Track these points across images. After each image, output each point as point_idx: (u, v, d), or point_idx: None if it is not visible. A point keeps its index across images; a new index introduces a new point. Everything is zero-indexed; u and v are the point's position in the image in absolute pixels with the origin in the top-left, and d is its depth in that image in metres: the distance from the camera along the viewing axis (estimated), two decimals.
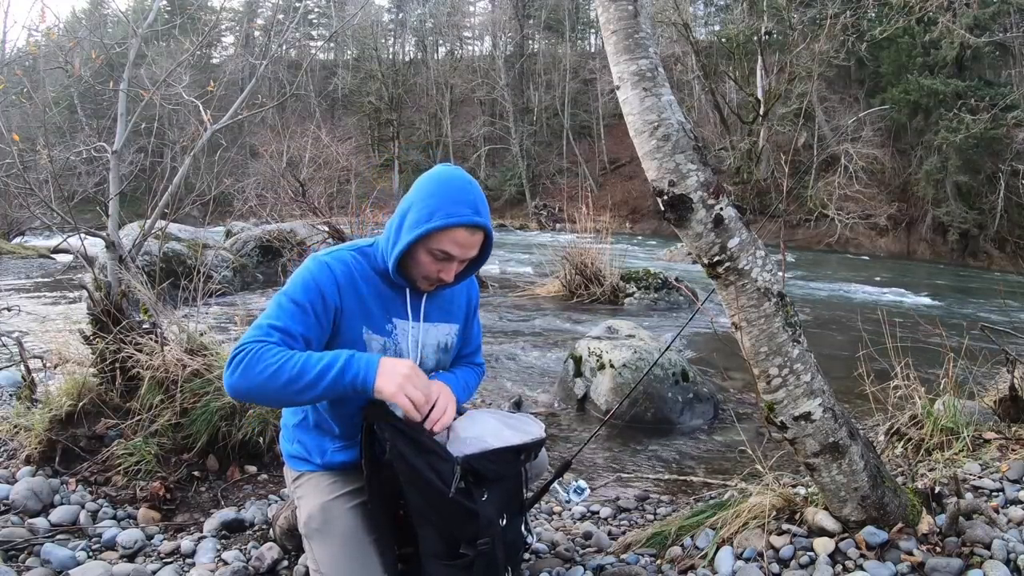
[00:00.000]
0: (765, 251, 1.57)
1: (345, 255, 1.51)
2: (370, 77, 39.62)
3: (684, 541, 1.86)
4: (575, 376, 3.81)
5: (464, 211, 1.43)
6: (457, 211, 1.42)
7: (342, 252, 1.52)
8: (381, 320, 1.51)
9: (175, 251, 6.83)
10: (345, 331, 1.47)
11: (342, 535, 1.44)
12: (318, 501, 1.48)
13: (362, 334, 1.49)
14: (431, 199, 1.44)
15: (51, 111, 6.98)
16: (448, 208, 1.42)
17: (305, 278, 1.44)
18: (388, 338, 1.52)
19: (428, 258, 1.46)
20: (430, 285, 1.52)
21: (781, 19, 24.49)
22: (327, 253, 1.51)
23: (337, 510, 1.47)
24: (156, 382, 2.32)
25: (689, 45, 26.88)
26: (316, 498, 1.49)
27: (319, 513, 1.47)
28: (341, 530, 1.45)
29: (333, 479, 1.52)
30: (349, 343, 1.47)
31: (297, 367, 1.30)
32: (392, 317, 1.53)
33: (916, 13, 16.51)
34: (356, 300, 1.48)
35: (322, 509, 1.47)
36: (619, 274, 7.63)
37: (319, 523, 1.46)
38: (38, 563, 1.77)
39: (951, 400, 2.43)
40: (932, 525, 1.68)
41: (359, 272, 1.50)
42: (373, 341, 1.50)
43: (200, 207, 3.83)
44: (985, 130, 19.09)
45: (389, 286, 1.53)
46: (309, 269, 1.46)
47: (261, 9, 45.09)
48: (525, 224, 30.01)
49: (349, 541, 1.44)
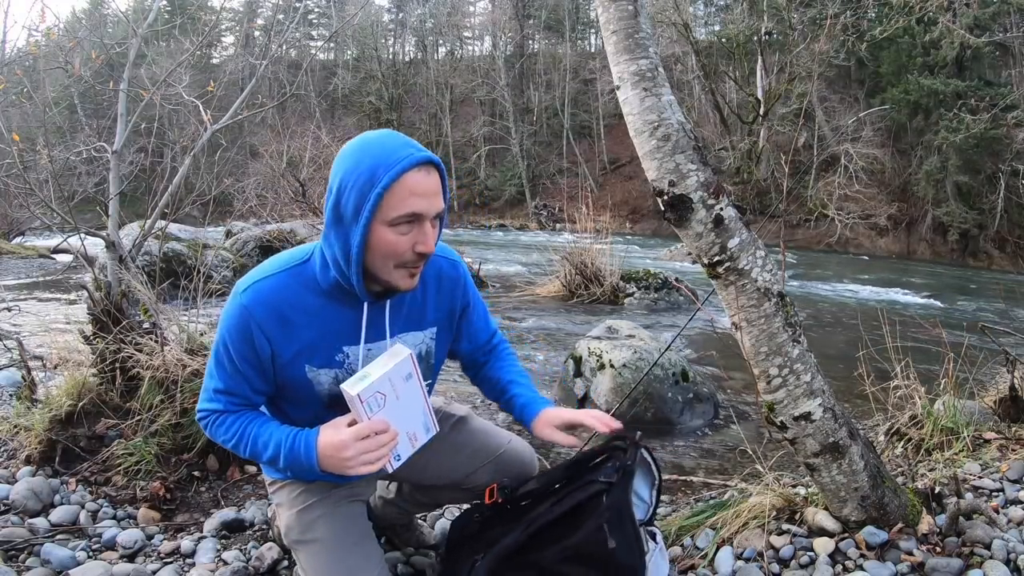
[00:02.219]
0: (765, 251, 1.57)
1: (271, 284, 1.26)
2: (370, 77, 39.63)
3: (684, 541, 1.86)
4: (575, 376, 3.81)
5: (407, 151, 1.16)
6: (397, 156, 1.15)
7: (266, 282, 1.26)
8: (328, 351, 1.30)
9: (175, 251, 6.83)
10: (286, 376, 1.30)
11: (324, 543, 1.40)
12: (293, 511, 1.44)
13: (305, 373, 1.30)
14: (360, 165, 1.16)
15: (51, 111, 6.98)
16: (386, 160, 1.15)
17: (229, 329, 1.26)
18: (340, 369, 1.31)
19: (393, 235, 1.17)
20: (413, 276, 1.25)
21: (781, 19, 24.49)
22: (249, 285, 1.26)
23: (314, 518, 1.42)
24: (156, 382, 2.32)
25: (689, 45, 26.87)
26: (291, 507, 1.45)
27: (296, 523, 1.42)
28: (320, 538, 1.40)
29: (303, 487, 1.46)
30: (294, 386, 1.31)
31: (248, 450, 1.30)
32: (343, 345, 1.31)
33: (916, 13, 16.52)
34: (288, 339, 1.26)
35: (299, 519, 1.42)
36: (619, 274, 7.63)
37: (298, 533, 1.42)
38: (38, 563, 1.77)
39: (951, 400, 2.43)
40: (932, 525, 1.68)
41: (290, 302, 1.26)
42: (321, 376, 1.31)
43: (200, 207, 3.83)
44: (985, 130, 19.10)
45: (336, 304, 1.28)
46: (230, 317, 1.26)
47: (261, 9, 45.09)
48: (525, 224, 30.03)
49: (334, 547, 1.39)
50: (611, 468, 1.45)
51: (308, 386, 1.31)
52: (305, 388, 1.32)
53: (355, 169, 1.16)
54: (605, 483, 1.42)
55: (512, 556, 1.39)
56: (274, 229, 8.95)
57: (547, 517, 1.41)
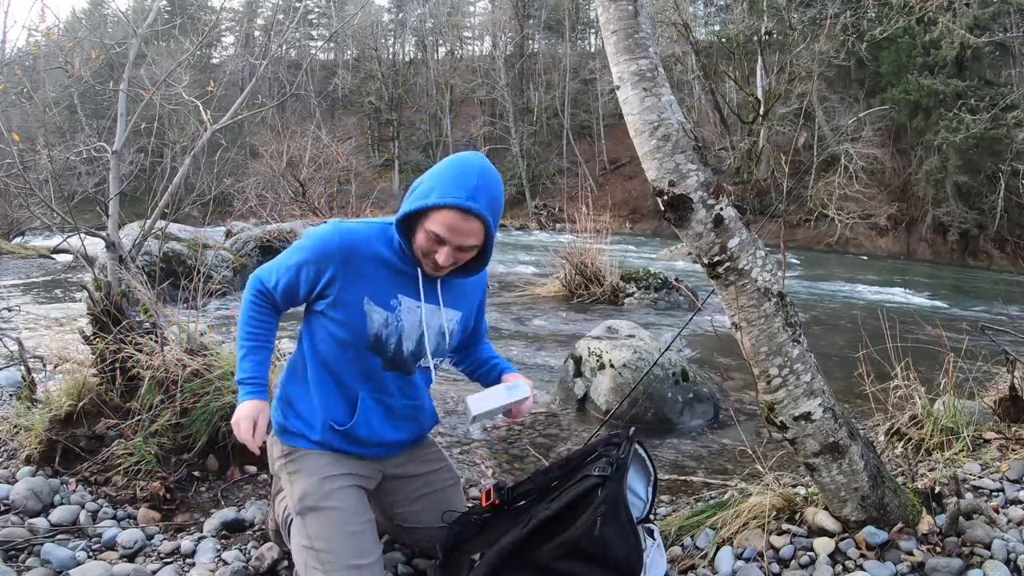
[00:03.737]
0: (765, 251, 1.57)
1: (362, 227, 1.53)
2: (370, 77, 39.61)
3: (684, 541, 1.86)
4: (575, 376, 3.81)
5: (459, 194, 1.39)
6: (452, 193, 1.39)
7: (361, 225, 1.55)
8: (386, 294, 1.52)
9: (175, 251, 6.83)
10: (345, 297, 1.50)
11: (340, 512, 1.48)
12: (316, 477, 1.51)
13: (363, 303, 1.51)
14: (437, 177, 1.44)
15: (51, 111, 6.99)
16: (444, 189, 1.40)
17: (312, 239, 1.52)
18: (391, 313, 1.53)
19: (423, 236, 1.45)
20: (435, 269, 1.51)
21: (781, 19, 24.50)
22: (344, 225, 1.55)
23: (336, 487, 1.50)
24: (156, 382, 2.32)
25: (689, 45, 26.86)
26: (314, 474, 1.52)
27: (317, 489, 1.49)
28: (340, 506, 1.48)
29: (330, 459, 1.55)
30: (350, 308, 1.50)
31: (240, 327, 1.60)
32: (398, 294, 1.54)
33: (916, 13, 16.51)
34: (358, 270, 1.50)
35: (320, 485, 1.50)
36: (619, 274, 7.63)
37: (316, 499, 1.49)
38: (38, 563, 1.77)
39: (951, 400, 2.43)
40: (932, 525, 1.68)
41: (371, 246, 1.51)
42: (374, 313, 1.51)
43: (200, 207, 3.83)
44: (985, 130, 19.11)
45: (402, 263, 1.53)
46: (320, 231, 1.53)
47: (261, 9, 45.08)
48: (525, 224, 29.99)
49: (347, 518, 1.47)
50: (605, 463, 1.46)
51: (362, 318, 1.51)
52: (358, 318, 1.51)
53: (434, 177, 1.45)
54: (600, 477, 1.43)
55: (511, 554, 1.39)
56: (274, 229, 8.95)
57: (544, 514, 1.42)
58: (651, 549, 1.52)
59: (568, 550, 1.37)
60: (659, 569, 1.52)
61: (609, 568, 1.36)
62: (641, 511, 1.61)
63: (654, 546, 1.54)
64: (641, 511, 1.61)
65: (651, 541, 1.55)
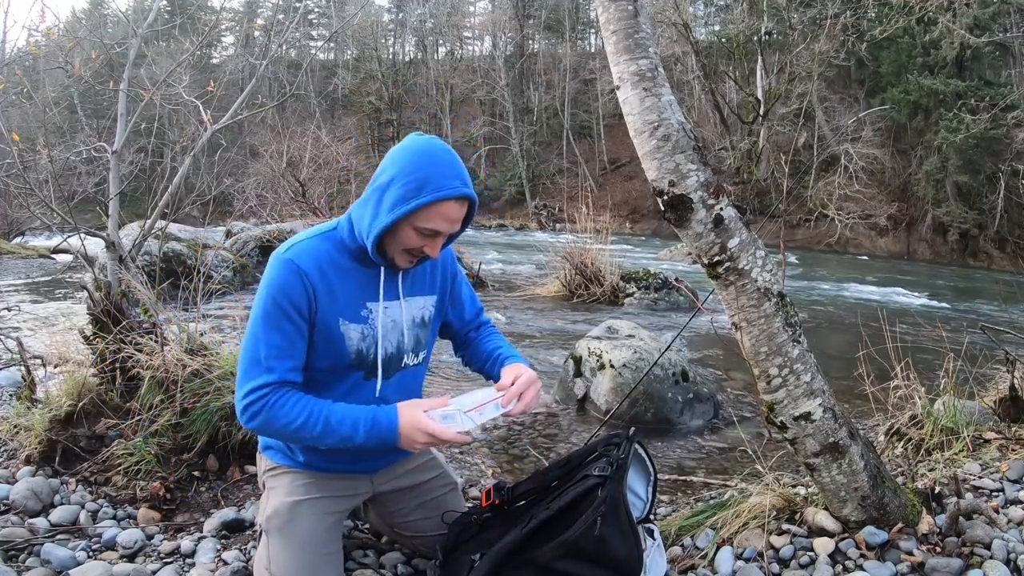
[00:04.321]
0: (765, 251, 1.57)
1: (309, 244, 1.42)
2: (370, 77, 39.62)
3: (684, 541, 1.86)
4: (575, 376, 3.81)
5: (454, 183, 1.35)
6: (447, 184, 1.34)
7: (305, 242, 1.43)
8: (356, 307, 1.45)
9: (175, 251, 6.83)
10: (324, 327, 1.41)
11: (303, 539, 1.43)
12: (288, 499, 1.47)
13: (339, 326, 1.43)
14: (417, 172, 1.34)
15: (51, 111, 6.99)
16: (437, 181, 1.33)
17: (278, 285, 1.36)
18: (365, 324, 1.46)
19: (414, 235, 1.38)
20: (410, 262, 1.45)
21: (781, 19, 24.50)
22: (289, 247, 1.41)
23: (305, 513, 1.45)
24: (156, 382, 2.32)
25: (689, 45, 26.86)
26: (286, 495, 1.48)
27: (286, 511, 1.45)
28: (303, 533, 1.43)
29: (308, 480, 1.51)
30: (329, 331, 1.42)
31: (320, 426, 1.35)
32: (367, 302, 1.47)
33: (916, 13, 16.52)
34: (329, 293, 1.41)
35: (290, 508, 1.46)
36: (619, 274, 7.63)
37: (283, 521, 1.45)
38: (38, 563, 1.77)
39: (951, 400, 2.43)
40: (932, 525, 1.68)
41: (326, 260, 1.42)
42: (351, 331, 1.44)
43: (200, 207, 3.84)
44: (985, 130, 19.11)
45: (361, 266, 1.46)
46: (277, 273, 1.37)
47: (261, 9, 45.13)
48: (525, 224, 30.00)
49: (308, 547, 1.42)
50: (605, 463, 1.46)
51: (340, 340, 1.43)
52: (337, 342, 1.43)
53: (411, 172, 1.34)
54: (600, 477, 1.42)
55: (511, 554, 1.39)
56: (274, 229, 8.94)
57: (544, 514, 1.42)
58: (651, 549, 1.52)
59: (568, 550, 1.37)
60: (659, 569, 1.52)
61: (609, 568, 1.36)
62: (641, 511, 1.61)
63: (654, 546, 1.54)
64: (641, 511, 1.61)
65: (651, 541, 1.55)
